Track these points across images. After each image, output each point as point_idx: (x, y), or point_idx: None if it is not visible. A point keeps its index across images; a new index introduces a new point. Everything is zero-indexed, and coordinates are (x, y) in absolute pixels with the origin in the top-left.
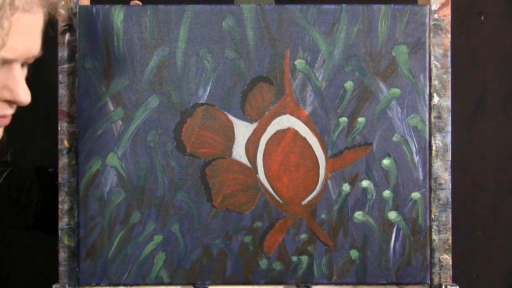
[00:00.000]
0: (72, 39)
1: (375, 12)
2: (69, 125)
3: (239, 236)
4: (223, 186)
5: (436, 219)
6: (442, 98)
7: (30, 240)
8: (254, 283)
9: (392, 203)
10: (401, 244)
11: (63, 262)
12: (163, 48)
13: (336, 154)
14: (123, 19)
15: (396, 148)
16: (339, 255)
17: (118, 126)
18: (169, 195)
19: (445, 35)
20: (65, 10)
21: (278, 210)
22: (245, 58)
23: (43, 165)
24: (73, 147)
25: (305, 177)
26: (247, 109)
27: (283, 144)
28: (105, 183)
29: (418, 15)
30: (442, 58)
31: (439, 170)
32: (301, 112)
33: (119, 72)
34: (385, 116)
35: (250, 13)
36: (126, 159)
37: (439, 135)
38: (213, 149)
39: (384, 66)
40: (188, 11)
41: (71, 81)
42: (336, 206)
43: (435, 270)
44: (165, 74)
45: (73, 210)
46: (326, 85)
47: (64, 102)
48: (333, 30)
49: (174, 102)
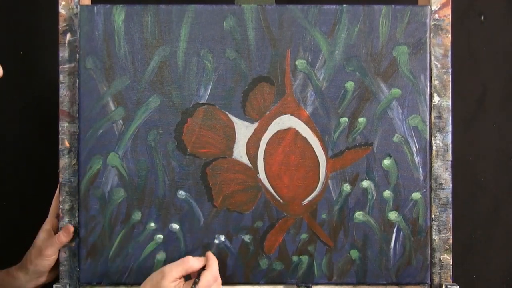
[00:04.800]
0: (73, 39)
1: (376, 12)
2: (70, 125)
3: (239, 235)
4: (224, 186)
5: (436, 219)
6: (442, 98)
7: (31, 240)
8: (254, 283)
9: (393, 203)
10: (401, 244)
11: (64, 262)
12: (164, 48)
13: (336, 154)
14: (124, 18)
15: (396, 148)
16: (340, 255)
17: (119, 126)
18: (169, 194)
19: (446, 35)
20: (66, 10)
21: (278, 210)
22: (246, 58)
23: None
24: (73, 147)
25: (305, 177)
26: (248, 109)
27: (284, 144)
28: (106, 183)
29: (419, 15)
30: (442, 58)
31: (439, 170)
32: (302, 112)
33: (120, 72)
34: (386, 116)
35: (251, 13)
36: (127, 158)
37: (440, 135)
38: (214, 149)
39: (384, 66)
40: (189, 11)
41: (71, 81)
42: (337, 206)
43: (436, 270)
44: (166, 74)
45: (74, 210)
46: (327, 85)
47: (65, 102)
48: (334, 30)
49: (175, 102)
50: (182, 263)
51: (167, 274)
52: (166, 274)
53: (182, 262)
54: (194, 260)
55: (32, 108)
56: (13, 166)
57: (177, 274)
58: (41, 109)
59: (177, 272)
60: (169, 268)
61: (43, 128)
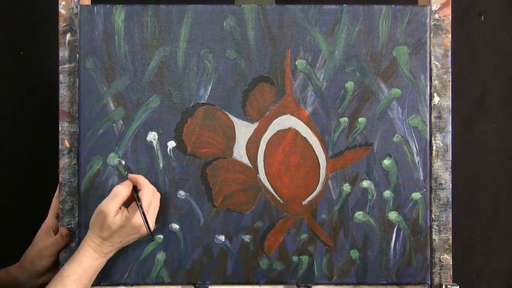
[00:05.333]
0: (73, 39)
1: (376, 12)
2: (70, 125)
3: (239, 235)
4: (224, 186)
5: (436, 219)
6: (442, 98)
7: (30, 240)
8: (254, 283)
9: (393, 203)
10: (401, 244)
11: (64, 262)
12: (164, 48)
13: (336, 154)
14: (124, 18)
15: (396, 148)
16: (340, 255)
17: (119, 126)
18: (169, 194)
19: (446, 35)
20: (66, 10)
21: (278, 210)
22: (246, 58)
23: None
24: (73, 147)
25: (305, 177)
26: (248, 109)
27: (284, 144)
28: (106, 183)
29: (419, 15)
30: (442, 58)
31: (439, 170)
32: (302, 112)
33: (120, 72)
34: (386, 116)
35: (251, 13)
36: (127, 159)
37: (440, 135)
38: (214, 149)
39: (385, 66)
40: (189, 11)
41: (71, 81)
42: (337, 206)
43: (436, 270)
44: (166, 74)
45: (74, 210)
46: (327, 85)
47: (65, 102)
48: (334, 30)
49: (175, 102)
50: (115, 196)
51: (107, 211)
52: (106, 211)
53: (114, 195)
54: (122, 188)
55: (32, 108)
56: (13, 166)
57: (115, 207)
58: (41, 109)
59: (114, 206)
60: (106, 205)
61: (43, 128)
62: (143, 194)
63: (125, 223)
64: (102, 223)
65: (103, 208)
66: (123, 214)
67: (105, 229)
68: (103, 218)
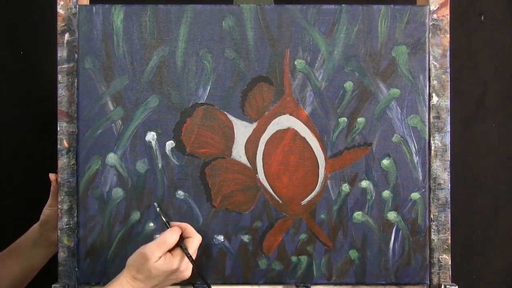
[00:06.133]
0: (71, 39)
1: (375, 12)
2: (69, 125)
3: (238, 235)
4: (223, 186)
5: (435, 219)
6: (441, 98)
7: None
8: (253, 283)
9: (392, 203)
10: (400, 244)
11: (63, 262)
12: (163, 48)
13: (335, 154)
14: (123, 18)
15: (395, 148)
16: (339, 255)
17: (118, 125)
18: (168, 195)
19: (444, 35)
20: (65, 10)
21: (277, 210)
22: (245, 58)
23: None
24: (72, 147)
25: (304, 177)
26: (247, 109)
27: (283, 144)
28: (104, 183)
29: (418, 15)
30: (441, 58)
31: (438, 170)
32: (301, 112)
33: (119, 71)
34: (385, 116)
35: (250, 13)
36: (126, 158)
37: (438, 135)
38: (213, 149)
39: (383, 66)
40: (188, 11)
41: (70, 81)
42: (336, 206)
43: (434, 270)
44: (165, 74)
45: (73, 210)
46: (326, 85)
47: (63, 102)
48: (333, 30)
49: (174, 102)
50: (162, 244)
51: (150, 256)
52: (149, 256)
53: (161, 243)
54: (171, 235)
55: (31, 108)
56: (12, 166)
57: (160, 253)
58: (39, 109)
59: (159, 253)
60: (150, 250)
61: (42, 128)
62: (192, 242)
63: (167, 268)
64: (142, 266)
65: (147, 252)
66: (166, 259)
67: (143, 272)
68: (144, 261)
